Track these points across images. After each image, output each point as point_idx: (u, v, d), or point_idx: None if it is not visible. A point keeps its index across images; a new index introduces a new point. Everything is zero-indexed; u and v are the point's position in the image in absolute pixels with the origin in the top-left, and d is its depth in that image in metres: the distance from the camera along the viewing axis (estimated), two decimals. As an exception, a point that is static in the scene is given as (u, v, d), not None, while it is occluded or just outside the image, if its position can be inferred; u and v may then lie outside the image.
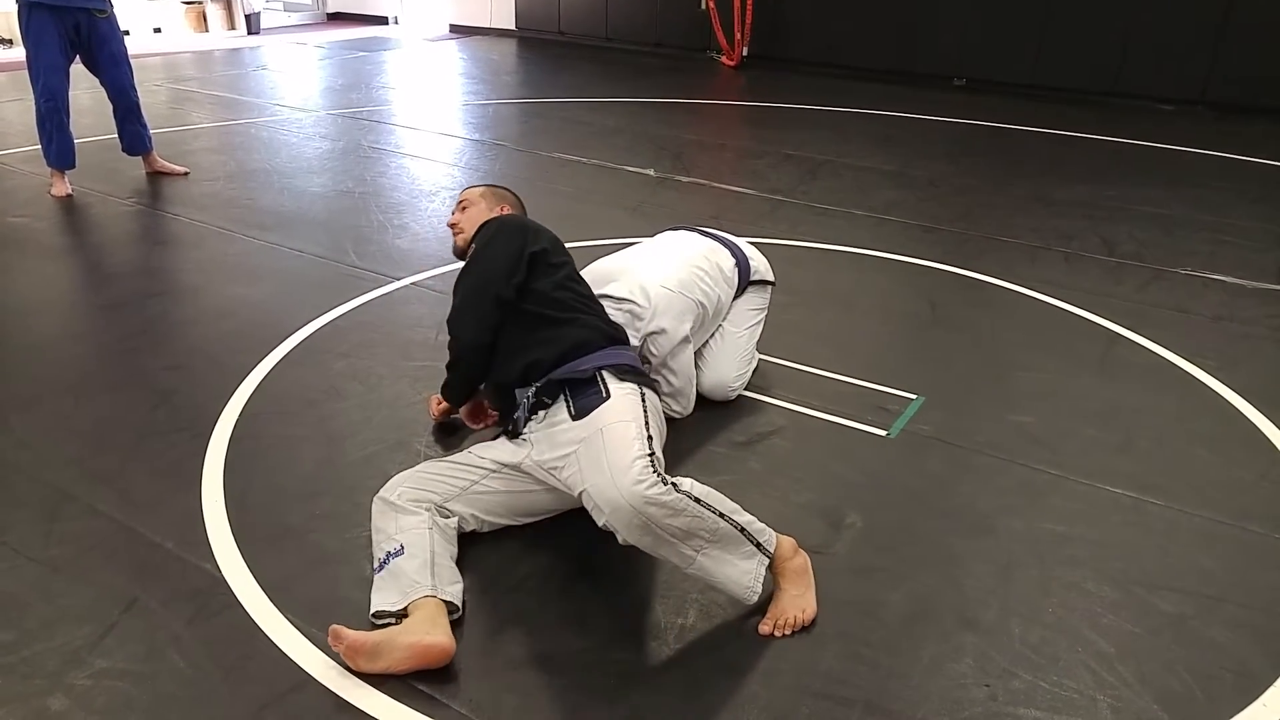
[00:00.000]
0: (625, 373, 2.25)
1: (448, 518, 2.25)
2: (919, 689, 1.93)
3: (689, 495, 1.94)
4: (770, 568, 2.08)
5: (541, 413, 2.27)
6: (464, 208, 2.74)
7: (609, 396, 2.16)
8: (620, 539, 1.96)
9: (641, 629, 2.08)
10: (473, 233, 2.63)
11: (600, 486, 1.96)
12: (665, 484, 1.92)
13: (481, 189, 2.80)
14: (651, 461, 1.97)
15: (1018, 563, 2.31)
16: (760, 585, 2.05)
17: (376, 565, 2.11)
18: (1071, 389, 3.18)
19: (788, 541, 2.12)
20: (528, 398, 2.29)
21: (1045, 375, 3.27)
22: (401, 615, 2.00)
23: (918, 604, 2.17)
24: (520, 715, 1.84)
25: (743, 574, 2.02)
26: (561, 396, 2.24)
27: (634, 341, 2.73)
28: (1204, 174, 6.10)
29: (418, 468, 2.35)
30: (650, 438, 2.05)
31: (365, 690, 1.88)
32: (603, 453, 2.01)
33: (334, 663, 1.93)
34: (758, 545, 2.04)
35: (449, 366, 2.59)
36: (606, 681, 1.93)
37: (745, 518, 2.04)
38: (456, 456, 2.37)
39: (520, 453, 2.29)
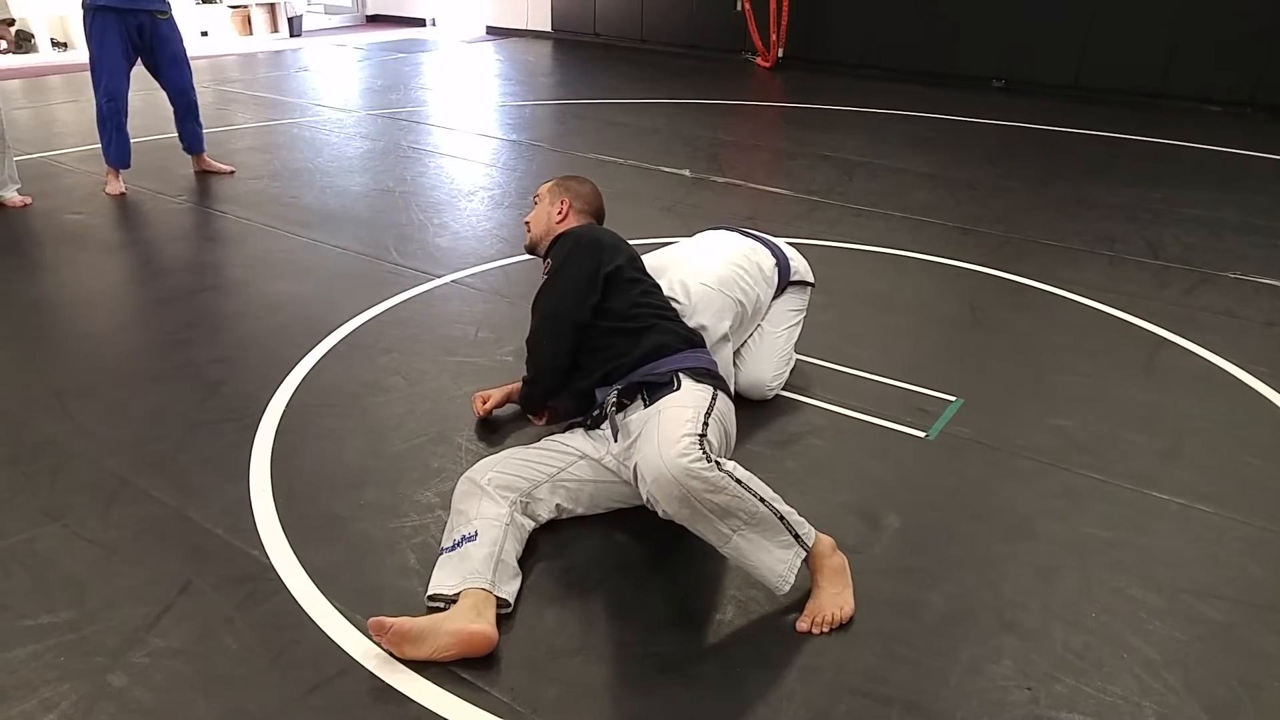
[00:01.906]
0: (701, 375, 2.31)
1: (529, 514, 2.29)
2: (958, 690, 1.92)
3: (731, 475, 1.98)
4: (807, 563, 2.09)
5: (621, 414, 2.32)
6: (535, 202, 2.79)
7: (679, 388, 2.25)
8: (660, 512, 2.00)
9: (681, 623, 2.09)
10: (540, 233, 2.71)
11: (647, 457, 2.01)
12: (709, 460, 1.97)
13: (551, 183, 2.80)
14: (700, 440, 2.01)
15: (1059, 567, 2.30)
16: (793, 578, 2.05)
17: (449, 544, 2.15)
18: (1115, 394, 3.15)
19: (827, 540, 2.14)
20: (610, 399, 2.33)
21: (1088, 379, 3.25)
22: (452, 601, 2.03)
23: (957, 605, 2.16)
24: (560, 704, 1.86)
25: (777, 562, 2.04)
26: (639, 397, 2.30)
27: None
28: (1254, 177, 6.01)
29: (507, 453, 2.40)
30: (706, 423, 2.09)
31: (408, 676, 1.91)
32: (656, 429, 2.08)
33: (378, 649, 1.97)
34: (795, 536, 2.06)
35: (528, 382, 2.61)
36: (646, 673, 1.95)
37: (785, 508, 2.06)
38: (543, 444, 2.44)
39: (601, 449, 2.38)
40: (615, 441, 2.33)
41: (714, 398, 2.23)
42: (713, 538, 2.01)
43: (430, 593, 2.07)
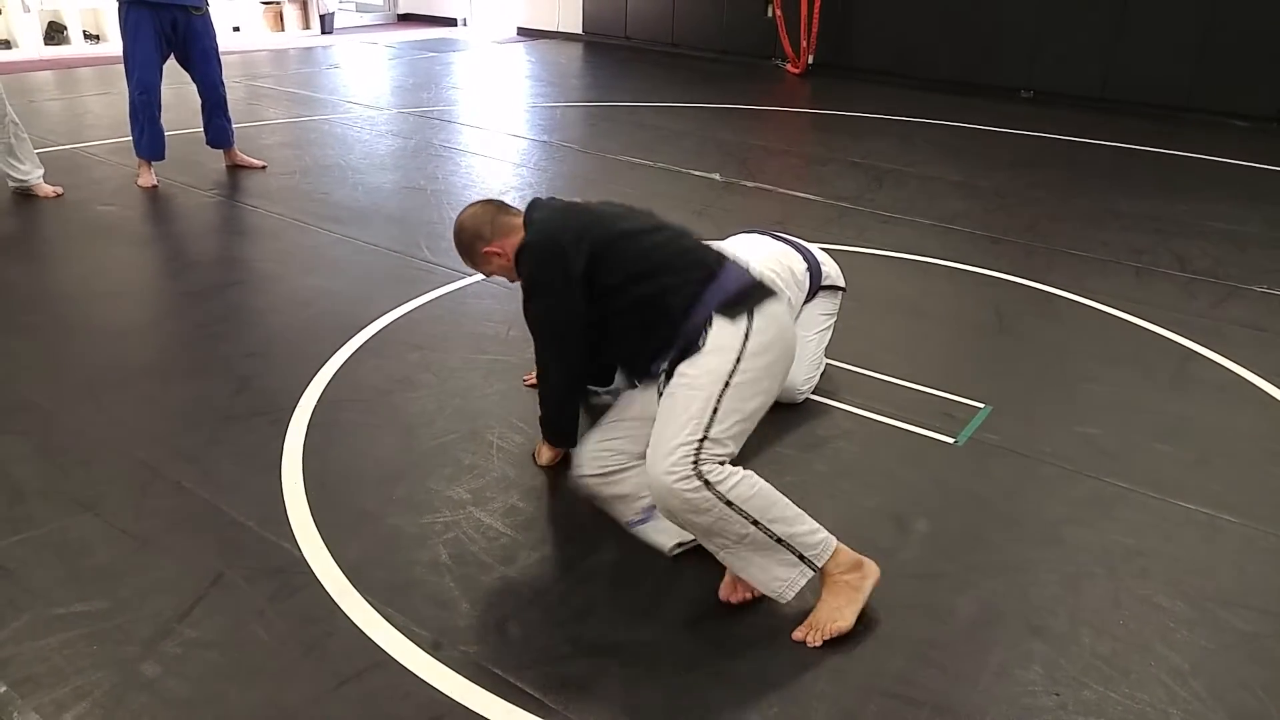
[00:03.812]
0: (733, 307, 2.08)
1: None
2: (987, 694, 1.93)
3: (721, 498, 1.95)
4: (819, 576, 2.08)
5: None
6: (476, 269, 2.56)
7: (704, 346, 2.07)
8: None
9: (710, 620, 2.11)
10: (509, 271, 2.44)
11: (649, 455, 2.04)
12: (697, 480, 1.94)
13: (465, 257, 2.52)
14: (695, 451, 1.96)
15: (1087, 574, 2.30)
16: (792, 593, 2.05)
17: (636, 519, 2.30)
18: (1142, 403, 3.15)
19: (846, 557, 2.09)
20: (662, 368, 2.17)
21: (1115, 389, 3.24)
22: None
23: (985, 610, 2.17)
24: (589, 700, 1.88)
25: (773, 579, 2.04)
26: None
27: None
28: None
29: (600, 443, 2.35)
30: (713, 415, 1.99)
31: (440, 670, 1.93)
32: (662, 422, 2.04)
33: (411, 643, 1.99)
34: (801, 557, 2.04)
35: (551, 407, 2.53)
36: (675, 670, 1.96)
37: (792, 529, 2.02)
38: (611, 420, 2.40)
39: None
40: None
41: (744, 342, 2.05)
42: (704, 544, 2.09)
43: (671, 546, 2.23)
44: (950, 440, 2.89)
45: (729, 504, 1.96)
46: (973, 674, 1.98)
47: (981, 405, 3.07)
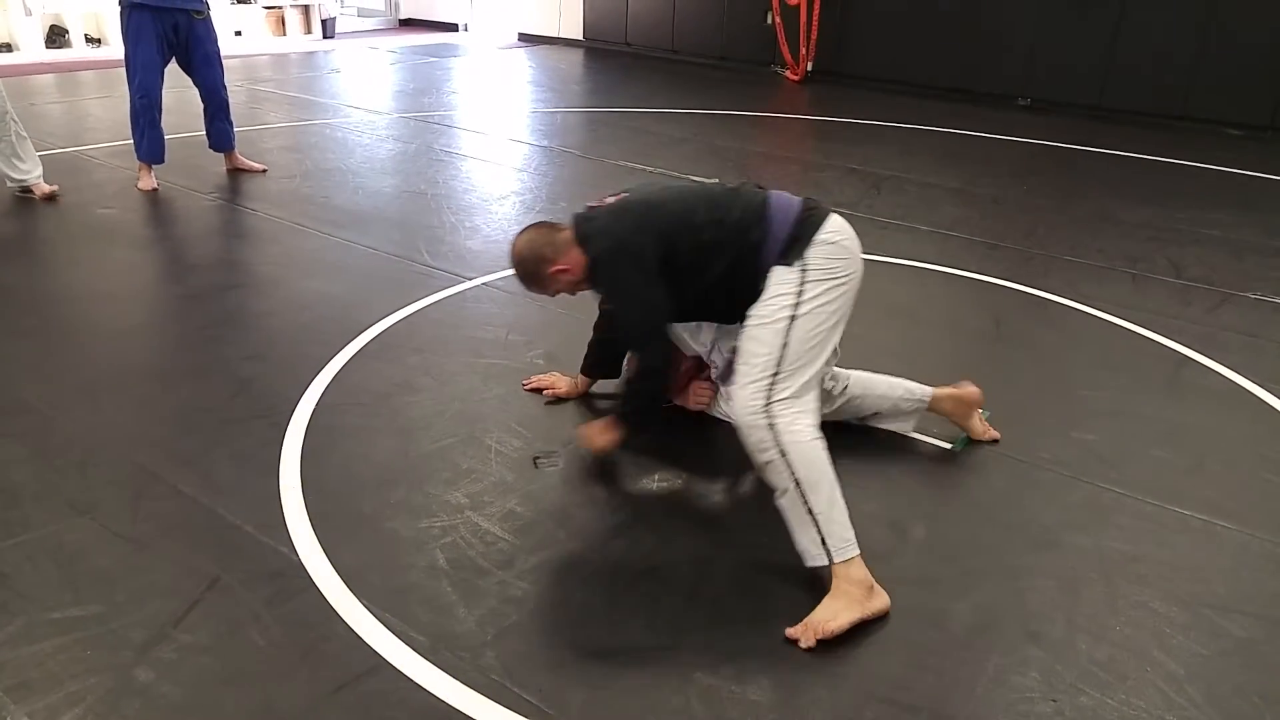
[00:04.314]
0: (785, 252, 2.29)
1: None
2: (984, 700, 1.93)
3: (778, 445, 2.12)
4: (830, 573, 2.12)
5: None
6: (542, 293, 2.64)
7: (764, 291, 2.28)
8: None
9: (710, 627, 2.11)
10: (572, 288, 2.55)
11: (730, 388, 2.30)
12: (766, 419, 2.13)
13: (522, 281, 2.59)
14: (768, 388, 2.17)
15: (1084, 579, 2.31)
16: (811, 561, 2.16)
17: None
18: (1138, 409, 3.15)
19: (863, 573, 2.12)
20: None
21: (1111, 395, 3.24)
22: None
23: (982, 615, 2.17)
24: (588, 706, 1.88)
25: (807, 541, 2.15)
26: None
27: (705, 342, 2.82)
28: (1275, 200, 5.99)
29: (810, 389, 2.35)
30: (783, 350, 2.19)
31: (437, 675, 1.93)
32: (739, 362, 2.27)
33: (408, 648, 1.99)
34: (823, 541, 2.11)
35: (646, 398, 2.61)
36: (674, 677, 1.96)
37: (826, 512, 2.12)
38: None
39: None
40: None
41: (801, 279, 2.26)
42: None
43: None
44: (948, 446, 2.89)
45: (783, 453, 2.11)
46: (969, 680, 1.99)
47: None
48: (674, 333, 2.83)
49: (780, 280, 2.26)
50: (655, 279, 2.38)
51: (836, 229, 2.36)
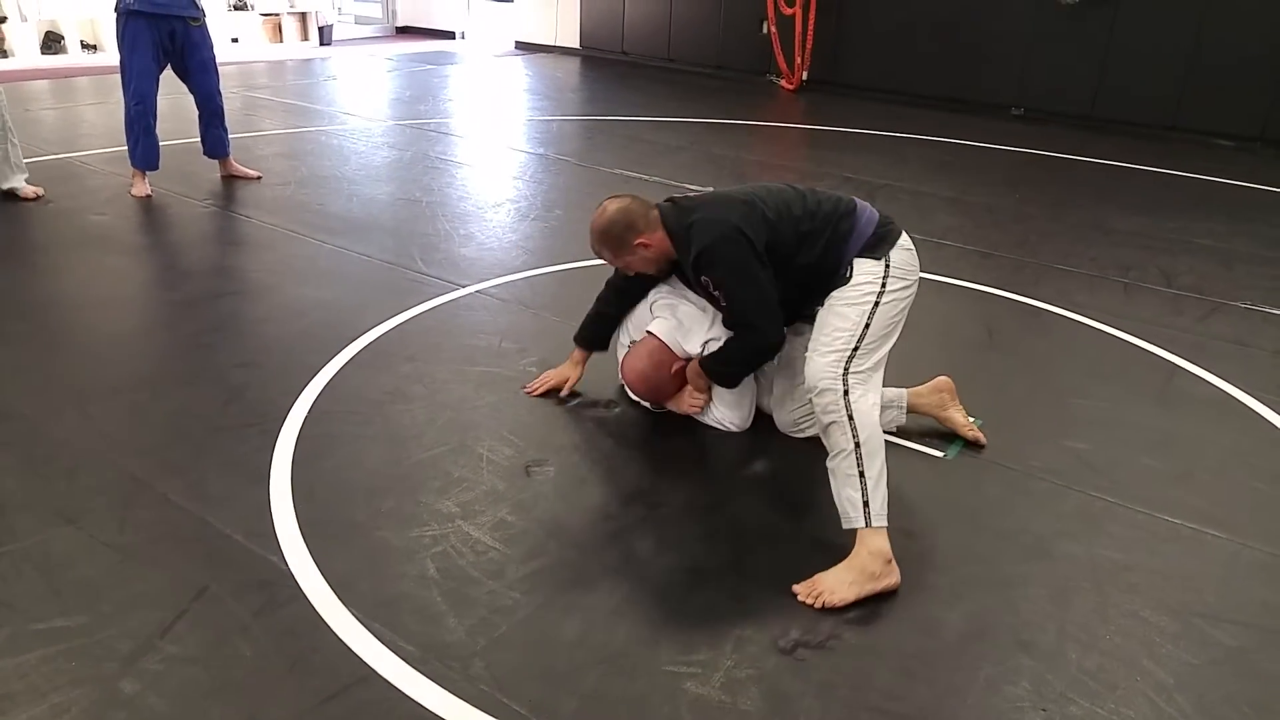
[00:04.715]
0: (872, 247, 2.52)
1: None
2: (975, 709, 1.93)
3: (847, 409, 2.31)
4: (859, 537, 2.27)
5: None
6: (613, 261, 2.81)
7: (850, 277, 2.50)
8: None
9: (700, 636, 2.10)
10: (653, 265, 2.76)
11: (809, 356, 2.44)
12: (841, 385, 2.33)
13: (600, 242, 2.74)
14: (848, 359, 2.37)
15: (1075, 588, 2.31)
16: (848, 524, 2.28)
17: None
18: (1129, 418, 3.16)
19: (886, 545, 2.26)
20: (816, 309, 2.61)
21: (1103, 403, 3.25)
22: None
23: (974, 624, 2.17)
24: (578, 718, 1.88)
25: (842, 500, 2.30)
26: None
27: (696, 344, 2.84)
28: (1265, 210, 6.02)
29: (791, 412, 2.88)
30: (865, 330, 2.41)
31: (425, 684, 1.92)
32: (821, 331, 2.46)
33: (397, 658, 1.99)
34: (865, 504, 2.26)
35: (744, 366, 2.80)
36: (665, 686, 1.96)
37: (875, 478, 2.28)
38: (783, 384, 2.89)
39: None
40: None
41: (886, 272, 2.48)
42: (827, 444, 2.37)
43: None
44: (940, 454, 2.89)
45: (851, 418, 2.30)
46: (961, 689, 1.98)
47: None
48: (669, 336, 2.85)
49: (866, 270, 2.49)
50: (765, 263, 2.56)
51: (909, 243, 2.60)
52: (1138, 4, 8.10)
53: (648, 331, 2.94)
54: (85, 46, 10.06)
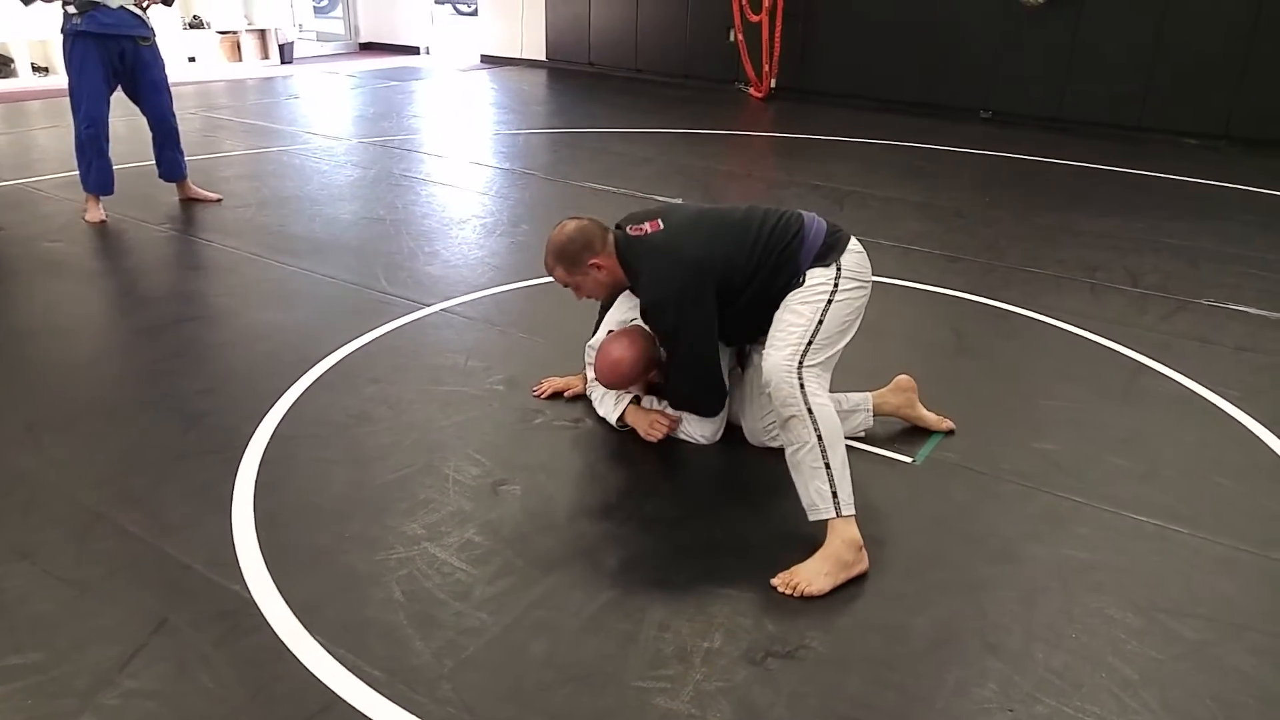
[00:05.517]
0: (822, 256, 2.58)
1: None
2: (944, 713, 1.93)
3: (805, 403, 2.37)
4: (830, 528, 2.34)
5: None
6: (567, 286, 2.83)
7: (803, 283, 2.55)
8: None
9: (667, 652, 2.09)
10: (605, 291, 2.84)
11: (766, 354, 2.50)
12: (798, 379, 2.39)
13: (554, 263, 2.77)
14: (803, 354, 2.44)
15: (1041, 589, 2.31)
16: (817, 516, 2.35)
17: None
18: (1096, 417, 3.18)
19: (856, 533, 2.33)
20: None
21: (1070, 404, 3.27)
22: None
23: (942, 629, 2.17)
24: (544, 736, 1.86)
25: (809, 492, 2.36)
26: None
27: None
28: (1229, 207, 6.09)
29: (759, 420, 2.88)
30: (810, 342, 2.46)
31: (394, 710, 1.90)
32: (778, 331, 2.52)
33: (363, 683, 1.96)
34: (834, 494, 2.33)
35: (702, 390, 2.85)
36: (634, 703, 1.94)
37: (839, 468, 2.35)
38: (750, 395, 2.90)
39: None
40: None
41: (837, 275, 2.55)
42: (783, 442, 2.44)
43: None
44: (909, 460, 2.89)
45: (809, 411, 2.36)
46: (929, 694, 1.98)
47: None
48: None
49: (819, 275, 2.55)
50: (712, 305, 2.62)
51: (859, 246, 2.66)
52: (1100, 4, 8.20)
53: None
54: (36, 69, 9.94)
